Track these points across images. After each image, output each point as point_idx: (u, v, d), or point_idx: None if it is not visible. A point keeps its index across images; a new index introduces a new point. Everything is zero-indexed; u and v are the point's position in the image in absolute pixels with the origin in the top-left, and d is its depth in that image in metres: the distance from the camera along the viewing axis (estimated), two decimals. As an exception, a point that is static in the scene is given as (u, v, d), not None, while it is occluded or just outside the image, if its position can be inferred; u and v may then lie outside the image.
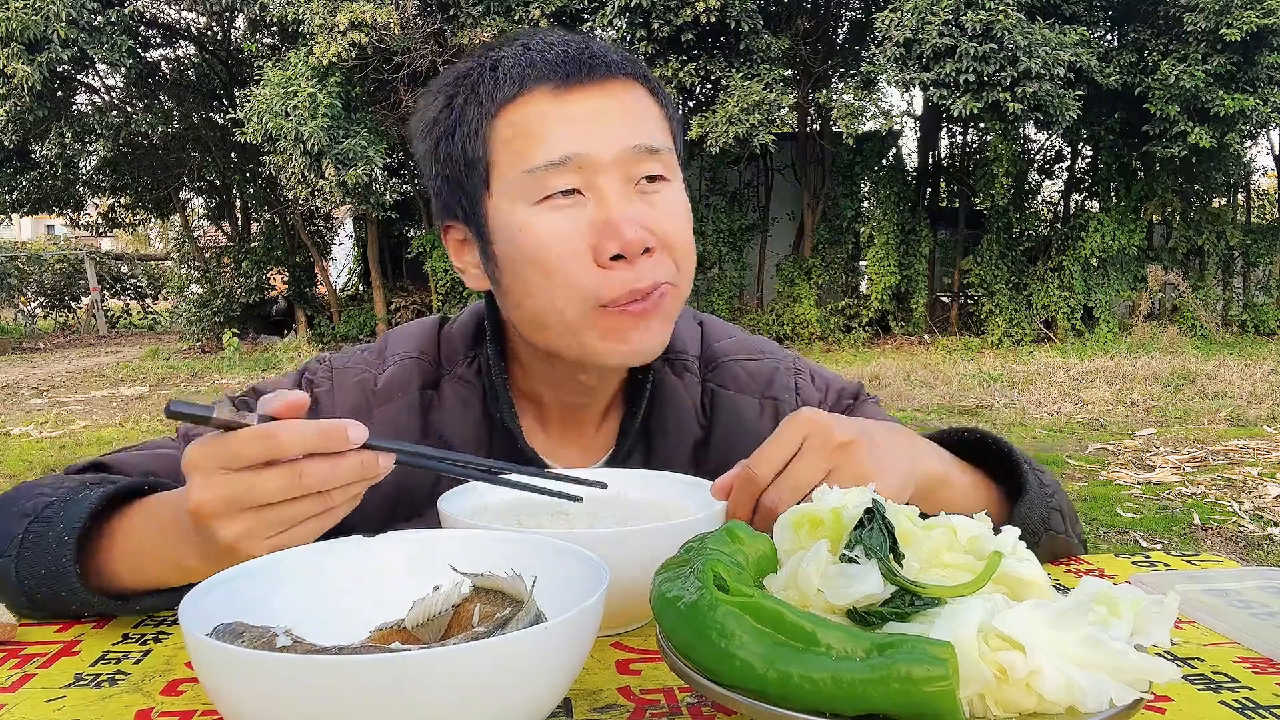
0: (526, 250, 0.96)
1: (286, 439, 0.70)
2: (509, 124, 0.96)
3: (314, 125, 11.49)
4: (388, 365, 1.10)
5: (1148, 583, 0.93)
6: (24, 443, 7.35)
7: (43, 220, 27.97)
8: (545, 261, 0.95)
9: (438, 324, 1.16)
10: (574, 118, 0.95)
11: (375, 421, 1.05)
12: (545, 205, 0.95)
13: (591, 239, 0.94)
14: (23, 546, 0.86)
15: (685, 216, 1.01)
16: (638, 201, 0.96)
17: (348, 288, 17.45)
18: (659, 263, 0.96)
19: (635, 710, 0.68)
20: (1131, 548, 4.16)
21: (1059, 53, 11.19)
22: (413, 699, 0.52)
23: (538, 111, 0.96)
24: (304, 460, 0.70)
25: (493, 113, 0.97)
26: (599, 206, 0.95)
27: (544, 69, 0.96)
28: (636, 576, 0.77)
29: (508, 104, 0.96)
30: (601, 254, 0.94)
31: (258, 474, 0.70)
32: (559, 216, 0.95)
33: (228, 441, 0.71)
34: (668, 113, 1.04)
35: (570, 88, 0.96)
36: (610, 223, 0.93)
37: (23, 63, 11.94)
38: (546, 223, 0.95)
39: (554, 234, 0.95)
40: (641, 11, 11.56)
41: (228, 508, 0.71)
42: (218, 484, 0.71)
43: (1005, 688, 0.55)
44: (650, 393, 1.10)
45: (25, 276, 20.64)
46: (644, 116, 0.99)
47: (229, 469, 0.71)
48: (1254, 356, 10.94)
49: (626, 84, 0.99)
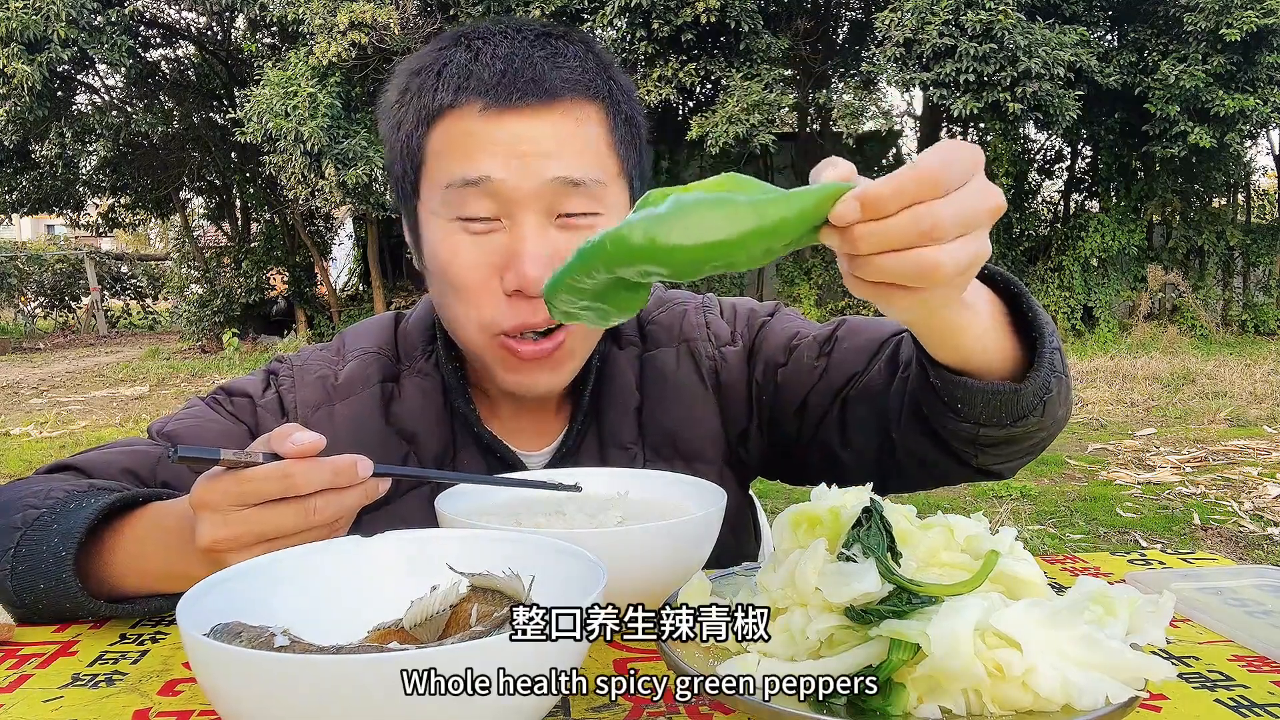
0: (440, 265, 0.97)
1: (301, 479, 0.72)
2: (440, 134, 0.96)
3: (314, 125, 11.48)
4: (347, 361, 1.12)
5: (1143, 581, 0.93)
6: (24, 443, 7.35)
7: (43, 220, 27.97)
8: (454, 281, 0.97)
9: (394, 320, 1.18)
10: (500, 141, 0.93)
11: (337, 416, 1.07)
12: (460, 225, 0.95)
13: (500, 265, 0.95)
14: (16, 560, 0.85)
15: None
16: (553, 236, 0.95)
17: (348, 288, 17.45)
18: None
19: (633, 709, 0.68)
20: (1131, 547, 4.16)
21: (1059, 53, 11.19)
22: (410, 699, 0.52)
23: (467, 128, 0.94)
24: (315, 495, 0.73)
25: (428, 120, 0.97)
26: (512, 236, 0.94)
27: (478, 85, 0.94)
28: (634, 576, 0.78)
29: (440, 115, 0.96)
30: (506, 285, 0.94)
31: (271, 509, 0.73)
32: (472, 241, 0.95)
33: (241, 480, 0.73)
34: (623, 135, 1.00)
35: (503, 109, 0.93)
36: (516, 256, 0.93)
37: (23, 63, 11.94)
38: (459, 243, 0.96)
39: (465, 258, 0.95)
40: (641, 11, 11.56)
41: (242, 543, 0.73)
42: (233, 521, 0.73)
43: (1001, 685, 0.55)
44: (598, 371, 1.11)
45: (25, 276, 20.63)
46: (580, 146, 0.96)
47: (243, 506, 0.73)
48: (1254, 356, 10.94)
49: (571, 107, 0.95)
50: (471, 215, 0.94)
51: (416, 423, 1.09)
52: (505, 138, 0.93)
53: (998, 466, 0.95)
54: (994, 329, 0.79)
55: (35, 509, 0.88)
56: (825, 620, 0.60)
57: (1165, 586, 0.80)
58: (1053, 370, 0.82)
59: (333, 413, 1.08)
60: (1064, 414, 0.89)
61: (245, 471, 0.73)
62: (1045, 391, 0.83)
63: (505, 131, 0.93)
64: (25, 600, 0.86)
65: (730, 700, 0.57)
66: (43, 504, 0.88)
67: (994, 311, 0.79)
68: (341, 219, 16.91)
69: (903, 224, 0.55)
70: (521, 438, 1.12)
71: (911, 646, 0.55)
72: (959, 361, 0.82)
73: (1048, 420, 0.87)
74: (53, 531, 0.85)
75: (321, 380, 1.10)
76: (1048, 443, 0.94)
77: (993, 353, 0.80)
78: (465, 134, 0.94)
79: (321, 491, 0.73)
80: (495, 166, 0.93)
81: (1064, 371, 0.85)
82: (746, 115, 11.64)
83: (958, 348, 0.79)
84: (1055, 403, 0.85)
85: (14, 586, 0.86)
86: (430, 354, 1.12)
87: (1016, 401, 0.82)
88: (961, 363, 0.82)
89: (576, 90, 0.96)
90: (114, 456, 1.03)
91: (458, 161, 0.94)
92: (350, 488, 0.75)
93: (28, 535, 0.86)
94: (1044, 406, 0.84)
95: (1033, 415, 0.84)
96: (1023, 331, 0.83)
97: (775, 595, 0.64)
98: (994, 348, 0.80)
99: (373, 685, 0.51)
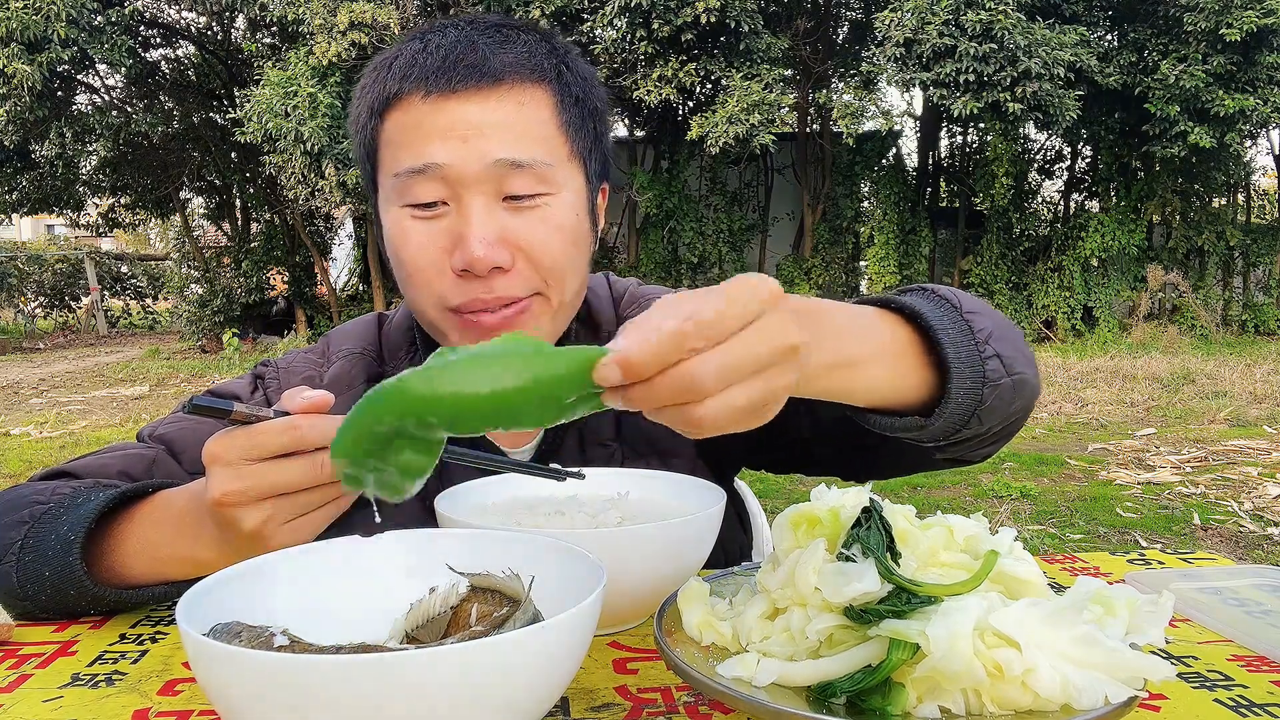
0: (395, 251, 0.99)
1: (309, 432, 0.75)
2: (390, 125, 0.98)
3: (314, 125, 11.48)
4: (332, 362, 1.14)
5: (1143, 581, 0.93)
6: (24, 443, 7.35)
7: (43, 220, 27.97)
8: (406, 265, 0.98)
9: (377, 320, 1.20)
10: (443, 126, 0.94)
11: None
12: (410, 211, 0.97)
13: (447, 247, 0.96)
14: (23, 551, 0.87)
15: (561, 231, 0.98)
16: (502, 216, 0.96)
17: (348, 288, 17.45)
18: (518, 278, 0.97)
19: (632, 709, 0.68)
20: (1131, 547, 4.16)
21: (1059, 53, 11.19)
22: (410, 699, 0.52)
23: (411, 117, 0.96)
24: (323, 451, 0.75)
25: (380, 111, 0.99)
26: (458, 219, 0.96)
27: (421, 74, 0.95)
28: (634, 576, 0.78)
29: (389, 106, 0.98)
30: (454, 265, 0.96)
31: (280, 463, 0.75)
32: (420, 225, 0.97)
33: (252, 434, 0.75)
34: (571, 116, 1.00)
35: (445, 95, 0.95)
36: (462, 238, 0.94)
37: (23, 63, 11.94)
38: (410, 228, 0.97)
39: (415, 241, 0.97)
40: (641, 11, 11.55)
41: (251, 496, 0.75)
42: (242, 474, 0.75)
43: (1001, 685, 0.55)
44: None
45: (25, 276, 20.64)
46: (523, 127, 0.96)
47: (253, 459, 0.75)
48: (1254, 356, 10.94)
49: (514, 90, 0.96)
50: (419, 201, 0.96)
51: None
52: (448, 123, 0.94)
53: (964, 456, 0.92)
54: (892, 374, 0.76)
55: (43, 504, 0.90)
56: (825, 620, 0.60)
57: (1165, 586, 0.80)
58: (986, 382, 0.79)
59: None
60: (1019, 405, 0.85)
61: (255, 426, 0.75)
62: (974, 406, 0.80)
63: (448, 116, 0.94)
64: (29, 592, 0.87)
65: (730, 700, 0.57)
66: (50, 499, 0.91)
67: (898, 353, 0.77)
68: (341, 219, 16.90)
69: (663, 384, 0.54)
70: (502, 437, 1.12)
71: (911, 646, 0.55)
72: (862, 404, 0.78)
73: (991, 422, 0.83)
74: (62, 521, 0.87)
75: (307, 382, 1.11)
76: (1013, 431, 0.91)
77: (900, 392, 0.78)
78: (412, 122, 0.96)
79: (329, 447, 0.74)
80: (439, 152, 0.94)
81: (1008, 373, 0.81)
82: (746, 115, 11.64)
83: (850, 398, 0.76)
84: (993, 410, 0.81)
85: (19, 577, 0.87)
86: (413, 353, 1.13)
87: (929, 430, 0.79)
88: (865, 404, 0.78)
89: (520, 73, 0.97)
90: (108, 460, 1.03)
91: (405, 150, 0.96)
92: None
93: (35, 528, 0.88)
94: (978, 418, 0.81)
95: (966, 429, 0.81)
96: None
97: (775, 595, 0.64)
98: (899, 387, 0.77)
99: (373, 685, 0.51)
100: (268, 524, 0.76)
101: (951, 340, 0.78)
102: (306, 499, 0.77)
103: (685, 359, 0.54)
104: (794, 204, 15.32)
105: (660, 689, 0.71)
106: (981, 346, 0.80)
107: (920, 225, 14.44)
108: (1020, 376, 0.82)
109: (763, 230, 15.36)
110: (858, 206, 14.91)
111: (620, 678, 0.74)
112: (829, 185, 14.72)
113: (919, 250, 14.36)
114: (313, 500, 0.77)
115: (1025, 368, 0.83)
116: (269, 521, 0.76)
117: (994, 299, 13.82)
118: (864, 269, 14.89)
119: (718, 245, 14.32)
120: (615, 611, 0.81)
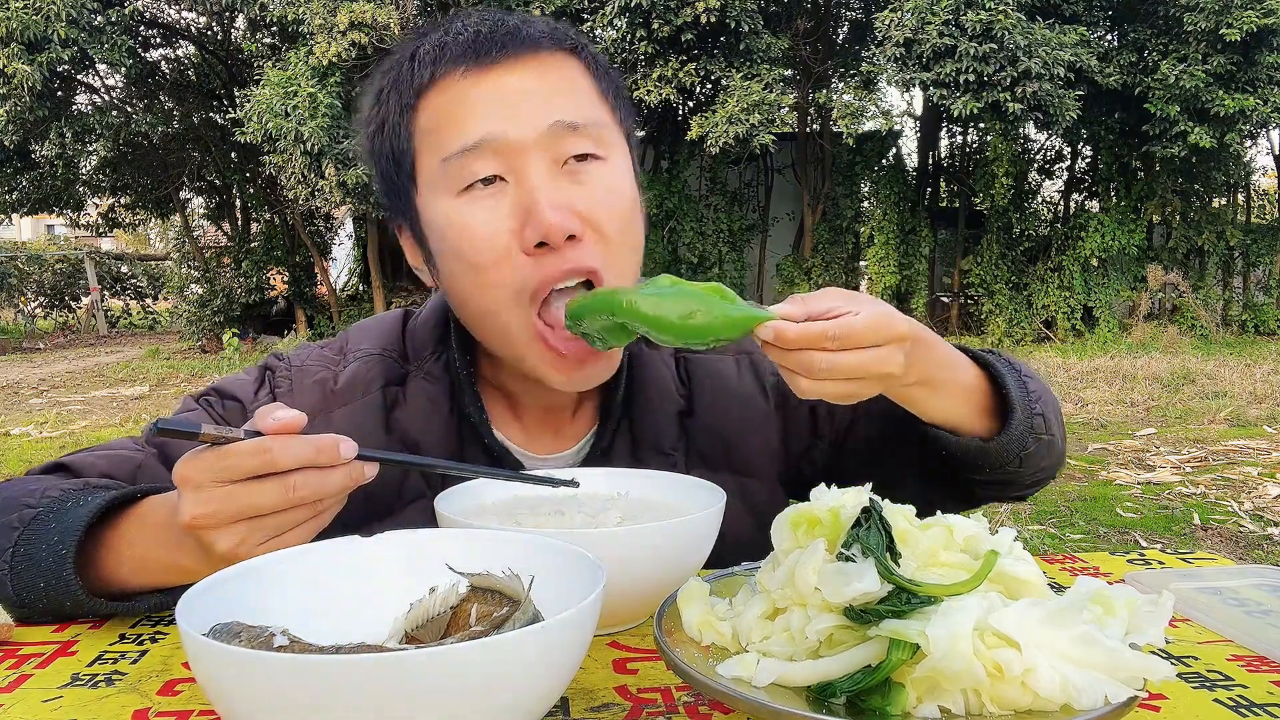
0: (453, 245, 0.94)
1: (280, 454, 0.71)
2: (426, 112, 0.94)
3: (314, 125, 11.48)
4: (349, 362, 1.08)
5: (1143, 581, 0.93)
6: (24, 443, 7.35)
7: (43, 220, 27.97)
8: (471, 255, 0.92)
9: (402, 319, 1.13)
10: (489, 99, 0.91)
11: (334, 424, 1.02)
12: (467, 196, 0.92)
13: (515, 226, 0.91)
14: (14, 559, 0.85)
15: (620, 195, 0.95)
16: (565, 183, 0.92)
17: (348, 288, 17.45)
18: (588, 248, 0.92)
19: (632, 709, 0.68)
20: (1131, 547, 4.16)
21: (1059, 53, 11.19)
22: (410, 698, 0.52)
23: (452, 96, 0.93)
24: (296, 473, 0.72)
25: (411, 103, 0.95)
26: (521, 190, 0.91)
27: (457, 51, 0.93)
28: (634, 576, 0.78)
29: (424, 92, 0.94)
30: (526, 242, 0.90)
31: (251, 486, 0.72)
32: (481, 206, 0.92)
33: (222, 456, 0.72)
34: (605, 85, 0.99)
35: (485, 68, 0.92)
36: (532, 208, 0.90)
37: (23, 63, 11.94)
38: (469, 214, 0.92)
39: (477, 224, 0.91)
40: (641, 11, 11.55)
41: (222, 519, 0.72)
42: (213, 497, 0.72)
43: (1001, 685, 0.55)
44: (628, 369, 1.07)
45: (25, 276, 20.64)
46: (570, 90, 0.94)
47: (223, 482, 0.72)
48: (1254, 356, 10.93)
49: (551, 57, 0.95)
50: (474, 179, 0.91)
51: (420, 431, 1.04)
52: (495, 94, 0.92)
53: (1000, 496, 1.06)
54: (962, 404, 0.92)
55: (32, 508, 0.87)
56: (825, 620, 0.60)
57: (1165, 586, 0.80)
58: (1031, 432, 0.94)
59: (329, 420, 1.03)
60: (1048, 464, 1.00)
61: (225, 447, 0.72)
62: (1020, 449, 0.94)
63: (493, 87, 0.92)
64: (25, 599, 0.86)
65: (730, 700, 0.57)
66: (39, 502, 0.88)
67: (971, 388, 0.93)
68: (341, 219, 16.91)
69: (791, 357, 0.76)
70: (542, 442, 1.08)
71: (911, 646, 0.55)
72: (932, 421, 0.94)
73: (1029, 468, 0.97)
74: (51, 529, 0.84)
75: (319, 384, 1.05)
76: (1038, 486, 1.05)
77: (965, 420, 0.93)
78: (455, 100, 0.93)
79: (302, 469, 0.72)
80: (491, 123, 0.91)
81: (1047, 433, 0.95)
82: (746, 115, 11.64)
83: (924, 414, 0.92)
84: (1035, 458, 0.96)
85: (14, 585, 0.85)
86: (440, 355, 1.07)
87: (985, 454, 0.93)
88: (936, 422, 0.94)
89: (553, 42, 0.96)
90: (97, 460, 1.00)
91: (450, 131, 0.92)
92: (333, 468, 0.73)
93: (25, 534, 0.85)
94: (1020, 460, 0.94)
95: (1010, 465, 0.94)
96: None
97: (775, 595, 0.64)
98: (965, 415, 0.93)
99: (373, 685, 0.51)
100: (241, 546, 0.73)
101: (1012, 388, 0.94)
102: (279, 520, 0.74)
103: (815, 349, 0.75)
104: (794, 204, 15.32)
105: (660, 689, 0.71)
106: (1033, 403, 0.94)
107: (920, 225, 14.44)
108: (1052, 439, 0.97)
109: (763, 230, 15.36)
110: (858, 206, 14.91)
111: (620, 678, 0.74)
112: (829, 185, 14.72)
113: (919, 250, 14.36)
114: (286, 521, 0.74)
115: (1057, 431, 0.99)
116: (243, 543, 0.73)
117: (994, 299, 13.83)
118: (864, 269, 14.89)
119: (718, 245, 14.32)
120: (615, 611, 0.81)
